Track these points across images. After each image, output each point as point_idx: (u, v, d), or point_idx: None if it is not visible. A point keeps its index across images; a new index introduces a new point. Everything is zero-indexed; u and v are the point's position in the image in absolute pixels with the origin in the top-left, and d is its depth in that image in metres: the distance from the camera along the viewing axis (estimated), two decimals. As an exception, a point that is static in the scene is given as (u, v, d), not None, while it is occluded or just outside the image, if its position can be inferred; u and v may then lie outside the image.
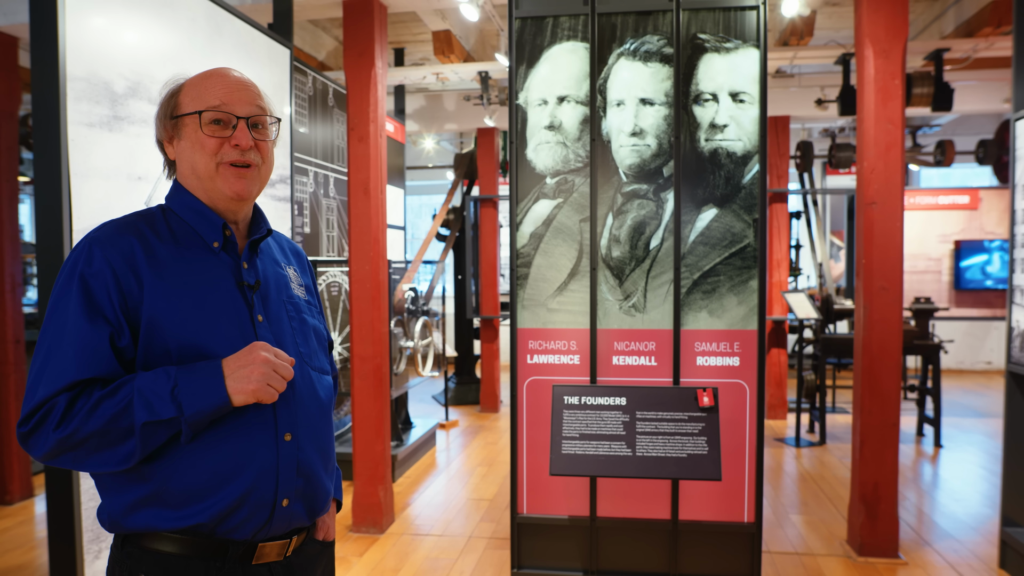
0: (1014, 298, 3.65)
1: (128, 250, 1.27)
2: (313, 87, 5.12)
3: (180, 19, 2.85)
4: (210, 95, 1.33)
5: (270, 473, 1.30)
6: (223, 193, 1.34)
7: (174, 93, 1.37)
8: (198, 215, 1.36)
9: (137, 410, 1.17)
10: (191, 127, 1.33)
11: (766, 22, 2.82)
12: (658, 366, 2.93)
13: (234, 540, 1.29)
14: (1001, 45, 5.11)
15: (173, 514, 1.26)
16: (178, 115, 1.34)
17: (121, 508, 1.27)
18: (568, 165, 2.94)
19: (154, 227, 1.33)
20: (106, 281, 1.24)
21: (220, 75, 1.37)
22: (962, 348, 10.03)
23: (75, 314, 1.22)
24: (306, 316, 1.48)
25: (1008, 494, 3.70)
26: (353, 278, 4.14)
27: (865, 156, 3.75)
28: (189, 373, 1.21)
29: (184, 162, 1.35)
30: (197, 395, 1.20)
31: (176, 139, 1.36)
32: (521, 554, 3.05)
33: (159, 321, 1.25)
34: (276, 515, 1.31)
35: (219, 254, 1.36)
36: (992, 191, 7.48)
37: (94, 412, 1.18)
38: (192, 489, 1.25)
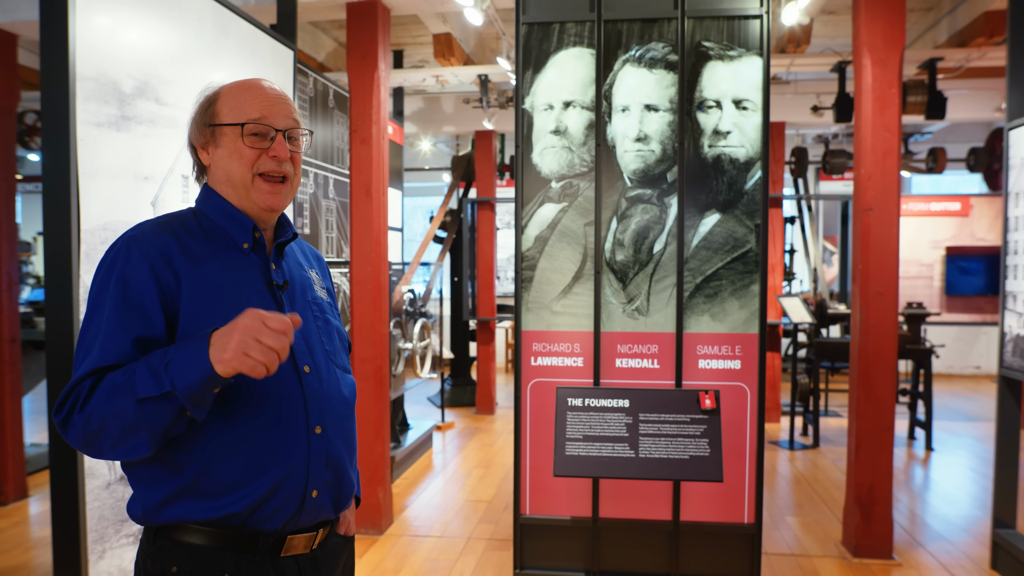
0: (1006, 304, 3.71)
1: (164, 247, 1.31)
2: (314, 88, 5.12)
3: (187, 20, 2.86)
4: (250, 107, 1.37)
5: (301, 464, 1.34)
6: (256, 205, 1.39)
7: (211, 101, 1.40)
8: (229, 218, 1.40)
9: (138, 383, 1.18)
10: (230, 136, 1.37)
11: (769, 31, 2.86)
12: (661, 368, 2.96)
13: (264, 531, 1.32)
14: (993, 55, 5.18)
15: (209, 504, 1.29)
16: (216, 124, 1.38)
17: (156, 501, 1.30)
18: (573, 169, 2.97)
19: (187, 227, 1.37)
20: (144, 277, 1.27)
21: (258, 87, 1.40)
22: (952, 353, 10.13)
23: (109, 309, 1.26)
24: (329, 316, 1.52)
25: (999, 496, 3.75)
26: (354, 280, 4.16)
27: (862, 163, 3.80)
28: (180, 346, 1.21)
29: (220, 169, 1.39)
30: (185, 367, 1.17)
31: (212, 146, 1.39)
32: (524, 554, 3.07)
33: (196, 314, 1.29)
34: (306, 506, 1.35)
35: (249, 255, 1.40)
36: (983, 198, 7.57)
37: (105, 391, 1.20)
38: (228, 479, 1.29)
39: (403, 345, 5.44)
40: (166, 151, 2.60)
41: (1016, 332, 3.61)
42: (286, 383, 1.34)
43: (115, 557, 2.36)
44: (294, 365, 1.36)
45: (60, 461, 2.21)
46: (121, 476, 2.37)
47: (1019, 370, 3.57)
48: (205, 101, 1.41)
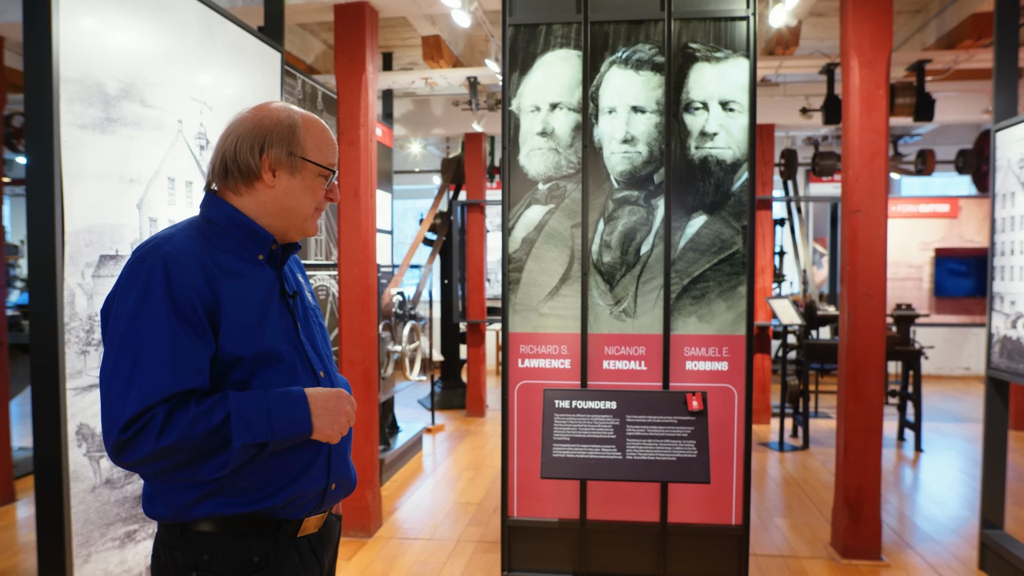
0: (994, 305, 3.73)
1: (201, 262, 1.34)
2: (303, 91, 5.11)
3: (173, 22, 2.85)
4: (330, 152, 1.48)
5: (324, 463, 1.45)
6: (306, 232, 1.49)
7: (294, 129, 1.44)
8: (246, 230, 1.44)
9: (236, 431, 1.26)
10: (309, 173, 1.45)
11: (756, 32, 2.86)
12: (648, 370, 2.96)
13: (288, 519, 1.42)
14: (981, 57, 5.21)
15: (243, 500, 1.36)
16: (306, 158, 1.44)
17: (186, 501, 1.35)
18: (560, 171, 2.97)
19: (210, 240, 1.41)
20: (191, 296, 1.30)
21: (330, 134, 1.50)
22: (941, 354, 10.17)
23: (170, 326, 1.28)
24: (321, 321, 1.62)
25: (987, 497, 3.76)
26: (343, 282, 4.15)
27: (850, 165, 3.81)
28: (281, 402, 1.32)
29: (289, 198, 1.44)
30: (287, 424, 1.32)
31: (286, 173, 1.43)
32: (512, 557, 3.07)
33: (231, 332, 1.34)
34: (326, 498, 1.48)
35: (263, 266, 1.45)
36: (971, 200, 7.61)
37: (193, 427, 1.24)
38: (263, 480, 1.37)
39: (392, 348, 5.43)
40: (152, 153, 2.59)
41: (1003, 333, 3.62)
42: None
43: (100, 560, 2.35)
44: (312, 371, 1.47)
45: (44, 465, 2.19)
46: (107, 479, 2.36)
47: (1006, 371, 3.59)
48: (285, 124, 1.44)
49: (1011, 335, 3.56)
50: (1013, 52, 3.62)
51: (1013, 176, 3.54)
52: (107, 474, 2.35)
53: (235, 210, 1.44)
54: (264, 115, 1.45)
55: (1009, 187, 3.58)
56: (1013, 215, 3.54)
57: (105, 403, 1.27)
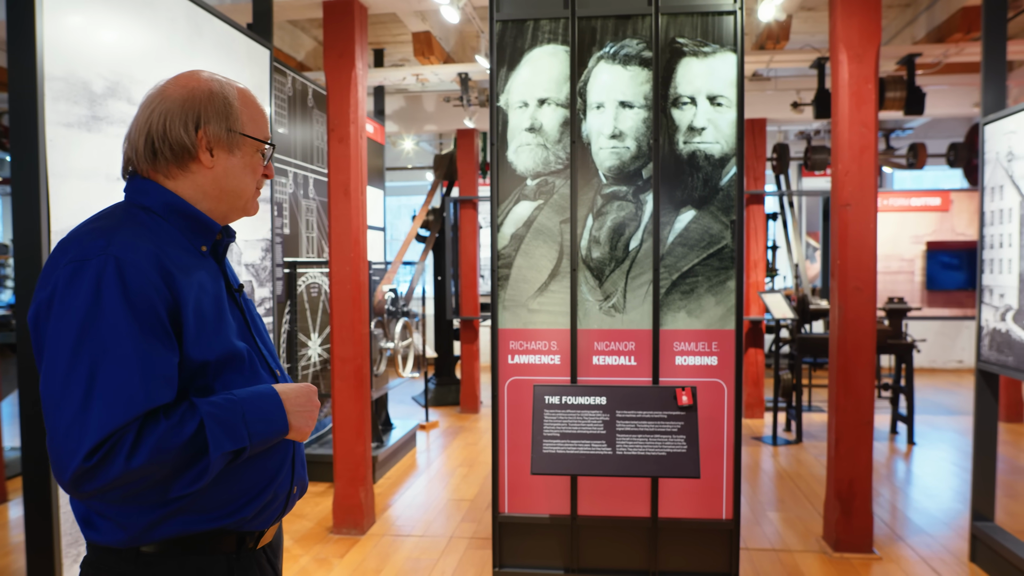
0: (983, 298, 3.74)
1: (155, 260, 1.18)
2: (292, 88, 5.10)
3: (160, 19, 2.84)
4: (264, 124, 1.37)
5: (289, 466, 1.37)
6: (248, 213, 1.39)
7: (230, 103, 1.31)
8: (189, 219, 1.29)
9: (212, 440, 1.14)
10: (249, 149, 1.33)
11: (743, 27, 2.86)
12: (638, 366, 2.96)
13: (252, 531, 1.32)
14: (971, 51, 5.22)
15: (212, 515, 1.24)
16: (244, 133, 1.32)
17: (146, 523, 1.20)
18: (548, 167, 2.97)
19: (151, 229, 1.24)
20: (152, 299, 1.15)
21: (260, 102, 1.39)
22: (934, 347, 10.20)
23: (132, 336, 1.12)
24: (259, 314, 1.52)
25: (978, 489, 3.78)
26: (333, 279, 4.14)
27: (839, 159, 3.82)
28: (255, 403, 1.22)
29: (230, 177, 1.31)
30: (265, 425, 1.22)
31: (223, 151, 1.30)
32: (503, 553, 3.07)
33: (196, 332, 1.21)
34: (289, 502, 1.39)
35: (208, 258, 1.32)
36: (963, 193, 7.63)
37: (165, 443, 1.11)
38: (238, 494, 1.27)
39: (385, 344, 5.43)
40: (137, 151, 2.58)
41: (993, 326, 3.64)
42: None
43: (89, 561, 2.34)
44: (269, 370, 1.37)
45: (33, 465, 2.19)
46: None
47: (996, 363, 3.60)
48: (221, 98, 1.30)
49: (1000, 328, 3.57)
50: (1001, 45, 3.63)
51: (1002, 169, 3.54)
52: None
53: (174, 196, 1.28)
54: (194, 87, 1.29)
55: (998, 180, 3.58)
56: (1002, 208, 3.55)
57: (56, 428, 1.08)
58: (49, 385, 1.11)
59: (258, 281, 3.69)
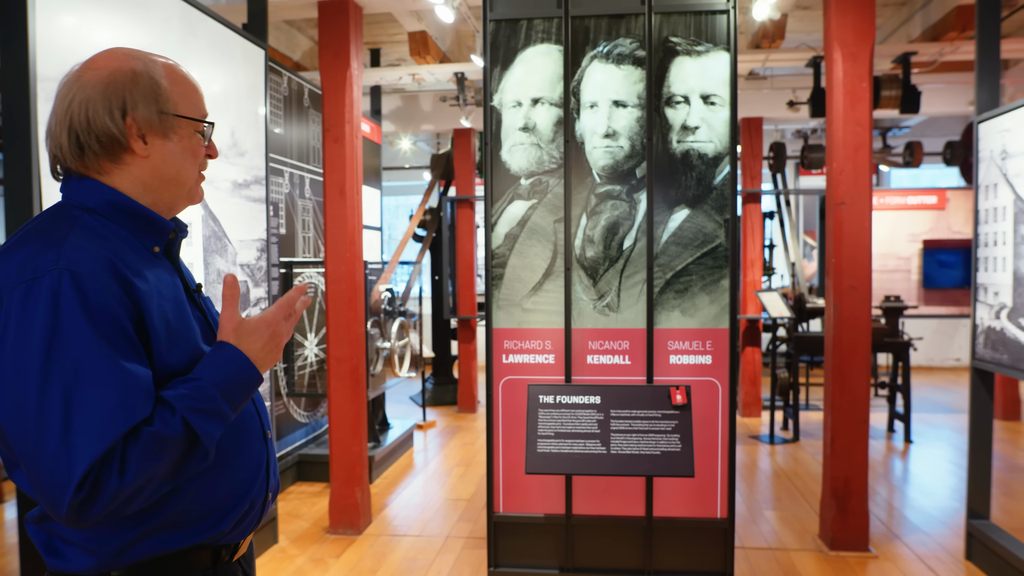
0: (978, 296, 3.74)
1: (110, 267, 1.10)
2: (288, 87, 5.10)
3: (153, 19, 2.84)
4: (200, 101, 1.27)
5: (264, 471, 1.30)
6: (192, 200, 1.29)
7: (156, 82, 1.20)
8: (137, 218, 1.20)
9: (204, 429, 1.10)
10: (185, 131, 1.23)
11: (736, 26, 2.86)
12: (632, 365, 2.97)
13: (228, 544, 1.26)
14: (966, 49, 5.22)
15: (186, 533, 1.18)
16: (177, 114, 1.21)
17: (118, 546, 1.14)
18: (542, 166, 2.97)
19: (101, 234, 1.15)
20: (114, 311, 1.08)
21: (190, 77, 1.28)
22: (931, 345, 10.21)
23: (103, 352, 1.05)
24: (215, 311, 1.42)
25: (973, 487, 3.78)
26: (329, 279, 4.14)
27: (834, 157, 3.82)
28: (224, 374, 1.15)
29: (168, 165, 1.21)
30: (242, 391, 1.17)
31: (157, 137, 1.20)
32: (498, 553, 3.07)
33: (163, 339, 1.15)
34: (264, 510, 1.33)
35: (162, 259, 1.24)
36: (959, 191, 7.63)
37: (151, 449, 1.05)
38: (216, 504, 1.21)
39: (382, 344, 5.43)
40: (130, 152, 2.58)
41: (987, 324, 3.64)
42: None
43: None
44: None
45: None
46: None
47: (991, 361, 3.61)
48: (147, 77, 1.19)
49: (995, 326, 3.57)
50: (995, 44, 3.63)
51: (996, 167, 3.55)
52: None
53: (119, 194, 1.18)
54: (114, 68, 1.17)
55: (992, 178, 3.59)
56: (996, 206, 3.56)
57: (39, 464, 1.00)
58: (20, 421, 1.02)
59: (253, 281, 3.69)
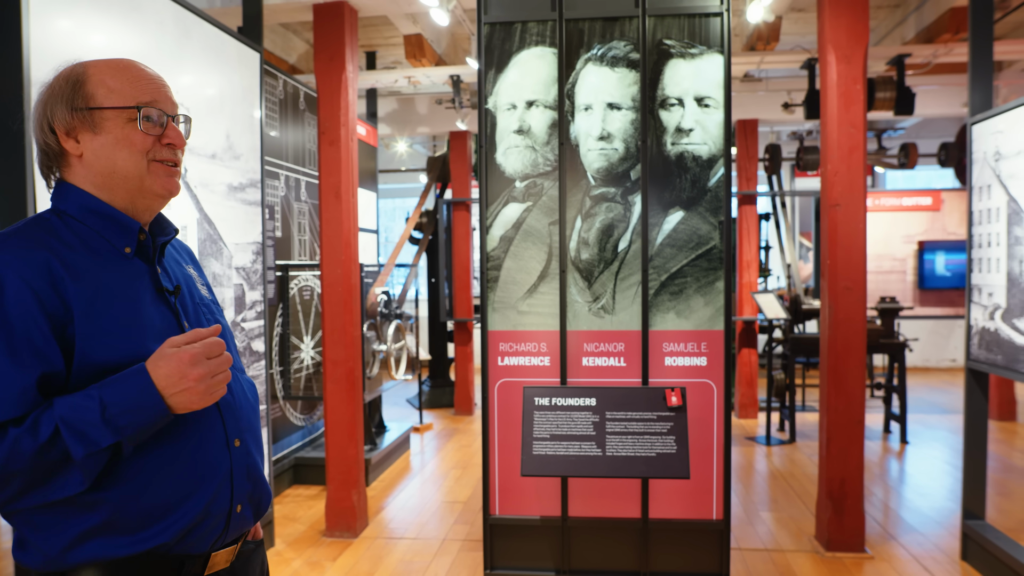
0: (972, 297, 3.75)
1: (44, 267, 1.14)
2: (284, 90, 5.10)
3: (148, 22, 2.84)
4: (137, 90, 1.24)
5: (226, 481, 1.27)
6: (153, 192, 1.26)
7: (79, 81, 1.22)
8: (105, 219, 1.24)
9: (71, 444, 1.08)
10: (115, 122, 1.22)
11: (730, 28, 2.87)
12: (627, 367, 2.97)
13: (191, 555, 1.24)
14: (960, 51, 5.24)
15: (129, 539, 1.18)
16: (95, 107, 1.21)
17: (61, 546, 1.16)
18: (537, 169, 2.97)
19: (59, 236, 1.20)
20: (28, 307, 1.11)
21: (139, 67, 1.27)
22: (927, 346, 10.23)
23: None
24: (219, 317, 1.44)
25: (968, 488, 3.79)
26: (325, 282, 4.14)
27: (828, 159, 3.83)
28: (118, 389, 1.12)
29: (101, 160, 1.22)
30: (133, 415, 1.11)
31: (86, 133, 1.22)
32: (494, 555, 3.07)
33: (92, 339, 1.15)
34: (231, 522, 1.29)
35: (132, 260, 1.26)
36: (954, 192, 7.66)
37: (15, 450, 1.07)
38: (152, 510, 1.19)
39: (378, 347, 5.42)
40: (125, 155, 2.58)
41: (982, 325, 3.65)
42: None
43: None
44: None
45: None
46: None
47: (985, 362, 3.62)
48: (68, 79, 1.22)
49: (989, 326, 3.58)
50: (987, 46, 3.65)
51: (989, 169, 3.56)
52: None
53: (90, 197, 1.23)
54: (50, 82, 1.24)
55: (986, 180, 3.60)
56: (990, 207, 3.57)
57: None
58: None
59: (249, 284, 3.68)
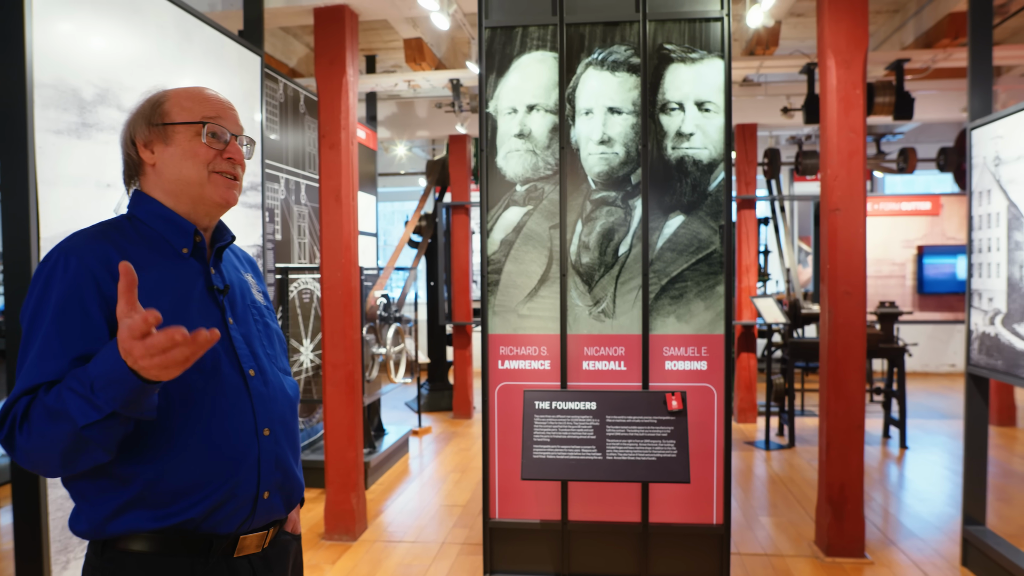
0: (972, 302, 3.76)
1: (105, 256, 1.27)
2: (284, 94, 5.11)
3: (149, 26, 2.84)
4: (205, 108, 1.39)
5: (253, 467, 1.35)
6: (212, 200, 1.38)
7: (159, 102, 1.39)
8: (167, 222, 1.38)
9: (76, 415, 1.14)
10: (184, 135, 1.36)
11: (730, 33, 2.88)
12: (627, 371, 2.97)
13: (218, 534, 1.32)
14: (959, 56, 5.25)
15: (161, 513, 1.27)
16: (168, 122, 1.36)
17: (104, 515, 1.28)
18: (538, 173, 2.98)
19: (124, 233, 1.35)
20: (87, 289, 1.24)
21: (210, 93, 1.42)
22: (926, 351, 10.24)
23: (48, 324, 1.23)
24: (268, 320, 1.53)
25: (969, 493, 3.79)
26: (325, 285, 4.14)
27: (828, 164, 3.84)
28: (97, 364, 1.15)
29: (169, 168, 1.37)
30: (117, 388, 1.13)
31: (160, 144, 1.37)
32: (493, 559, 3.07)
33: None
34: (258, 508, 1.36)
35: (188, 260, 1.39)
36: (953, 197, 7.67)
37: (40, 415, 1.17)
38: (181, 488, 1.28)
39: (377, 350, 5.42)
40: (127, 158, 2.58)
41: (982, 330, 3.66)
42: (233, 387, 1.35)
43: (79, 568, 2.34)
44: (239, 369, 1.37)
45: (21, 471, 2.18)
46: (84, 487, 2.34)
47: (986, 367, 3.62)
48: (151, 101, 1.39)
49: (989, 332, 3.59)
50: (987, 51, 3.66)
51: (989, 174, 3.57)
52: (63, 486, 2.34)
53: (157, 203, 1.38)
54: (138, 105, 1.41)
55: (985, 185, 3.61)
56: (990, 212, 3.58)
57: None
58: None
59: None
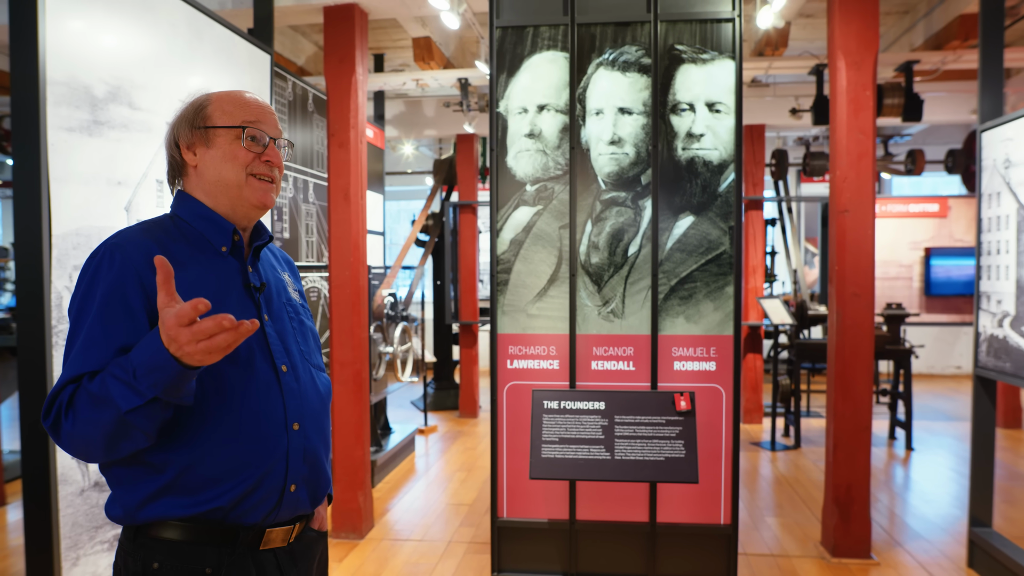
0: (981, 304, 3.75)
1: (147, 250, 1.33)
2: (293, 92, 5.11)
3: (161, 24, 2.85)
4: (246, 113, 1.44)
5: (281, 459, 1.38)
6: (249, 201, 1.43)
7: (202, 105, 1.44)
8: (208, 221, 1.43)
9: (119, 401, 1.18)
10: (225, 139, 1.42)
11: (741, 34, 2.88)
12: (636, 371, 2.97)
13: (244, 525, 1.35)
14: (968, 58, 5.24)
15: (190, 500, 1.32)
16: (209, 126, 1.42)
17: (137, 500, 1.32)
18: (548, 173, 2.98)
19: (167, 232, 1.41)
20: (130, 282, 1.30)
21: (251, 97, 1.48)
22: (933, 353, 10.21)
23: (94, 315, 1.28)
24: (303, 318, 1.58)
25: (975, 495, 3.78)
26: (333, 284, 4.15)
27: (837, 165, 3.83)
28: (139, 351, 1.19)
29: (211, 169, 1.42)
30: (159, 374, 1.17)
31: (202, 147, 1.42)
32: (501, 558, 3.07)
33: None
34: (285, 500, 1.39)
35: (227, 258, 1.44)
36: (961, 199, 7.65)
37: (85, 401, 1.21)
38: (211, 476, 1.32)
39: (384, 349, 5.43)
40: (140, 156, 2.59)
41: (990, 332, 3.65)
42: (265, 381, 1.39)
43: (89, 564, 2.35)
44: (272, 364, 1.41)
45: (33, 468, 2.19)
46: (96, 482, 2.36)
47: (994, 369, 3.61)
48: (195, 104, 1.45)
49: (998, 334, 3.58)
50: (998, 53, 3.65)
51: (999, 176, 3.56)
52: (95, 477, 2.35)
53: (198, 203, 1.44)
54: (182, 108, 1.46)
55: (995, 187, 3.60)
56: (999, 215, 3.57)
57: None
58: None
59: (258, 285, 3.70)
